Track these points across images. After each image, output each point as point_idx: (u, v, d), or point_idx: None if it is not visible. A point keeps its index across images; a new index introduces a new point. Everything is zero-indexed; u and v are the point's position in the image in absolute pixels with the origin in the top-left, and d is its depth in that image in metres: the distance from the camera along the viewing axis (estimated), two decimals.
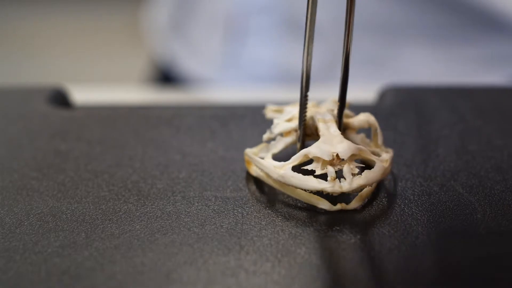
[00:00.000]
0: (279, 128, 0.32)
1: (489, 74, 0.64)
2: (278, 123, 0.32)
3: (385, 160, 0.31)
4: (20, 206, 0.31)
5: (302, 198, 0.30)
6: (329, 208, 0.30)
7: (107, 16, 1.83)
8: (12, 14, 1.85)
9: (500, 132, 0.37)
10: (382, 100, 0.43)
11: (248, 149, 0.33)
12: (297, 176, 0.30)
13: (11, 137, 0.38)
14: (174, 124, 0.39)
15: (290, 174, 0.30)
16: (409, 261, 0.27)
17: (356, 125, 0.32)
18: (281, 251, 0.27)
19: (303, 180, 0.29)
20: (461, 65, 0.64)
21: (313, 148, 0.30)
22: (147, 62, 0.90)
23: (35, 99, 0.42)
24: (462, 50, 0.64)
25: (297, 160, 0.30)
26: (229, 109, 0.41)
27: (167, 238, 0.28)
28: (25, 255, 0.27)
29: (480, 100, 0.41)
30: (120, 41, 1.74)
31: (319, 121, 0.31)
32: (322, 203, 0.30)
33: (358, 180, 0.29)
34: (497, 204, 0.30)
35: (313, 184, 0.29)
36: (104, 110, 0.42)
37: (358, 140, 0.32)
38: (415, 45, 0.64)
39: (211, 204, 0.31)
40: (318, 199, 0.30)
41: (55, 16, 1.84)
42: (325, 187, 0.29)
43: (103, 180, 0.33)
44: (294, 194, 0.31)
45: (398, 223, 0.29)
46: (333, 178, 0.29)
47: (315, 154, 0.30)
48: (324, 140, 0.30)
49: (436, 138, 0.37)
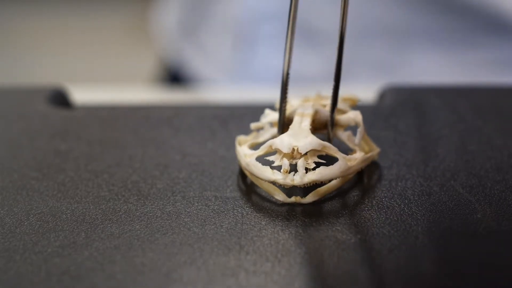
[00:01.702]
0: (268, 118, 0.33)
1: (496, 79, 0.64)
2: (268, 113, 0.33)
3: (352, 159, 0.31)
4: (20, 206, 0.31)
5: (262, 187, 0.31)
6: (284, 200, 0.30)
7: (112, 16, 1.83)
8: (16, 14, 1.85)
9: (500, 132, 0.37)
10: (382, 100, 0.43)
11: (241, 136, 0.34)
12: (256, 165, 0.31)
13: (11, 137, 0.38)
14: (174, 124, 0.39)
15: (253, 163, 0.31)
16: (409, 261, 0.27)
17: (343, 122, 0.33)
18: (281, 251, 0.27)
19: (260, 169, 0.30)
20: (469, 70, 0.64)
21: (277, 139, 0.31)
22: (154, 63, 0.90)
23: (35, 99, 0.42)
24: (469, 55, 0.64)
25: (263, 150, 0.31)
26: (229, 109, 0.41)
27: (167, 238, 0.28)
28: (25, 255, 0.27)
29: (480, 100, 0.41)
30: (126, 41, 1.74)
31: (297, 114, 0.32)
32: (278, 194, 0.31)
33: (310, 175, 0.30)
34: (497, 204, 0.30)
35: (268, 175, 0.30)
36: (104, 110, 0.42)
37: (344, 137, 0.33)
38: (422, 50, 0.64)
39: (211, 204, 0.31)
40: (275, 190, 0.31)
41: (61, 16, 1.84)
42: (277, 178, 0.30)
43: (103, 180, 0.33)
44: (257, 182, 0.31)
45: (398, 223, 0.29)
46: (285, 170, 0.30)
47: (276, 145, 0.30)
48: (290, 133, 0.31)
49: (436, 138, 0.37)
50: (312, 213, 0.30)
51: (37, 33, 1.79)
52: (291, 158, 0.30)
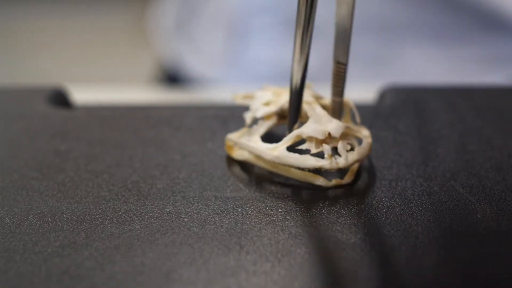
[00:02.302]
0: (261, 112, 0.33)
1: (491, 74, 0.64)
2: (258, 108, 0.34)
3: (368, 136, 0.32)
4: (20, 206, 0.31)
5: (297, 177, 0.32)
6: (325, 184, 0.31)
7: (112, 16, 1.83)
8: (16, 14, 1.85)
9: (500, 132, 0.37)
10: (382, 100, 0.43)
11: (230, 135, 0.34)
12: (294, 156, 0.31)
13: (11, 137, 0.38)
14: (174, 124, 0.39)
15: (286, 154, 0.31)
16: (409, 261, 0.27)
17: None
18: (281, 251, 0.27)
19: (301, 159, 0.31)
20: (463, 65, 0.64)
21: (305, 128, 0.31)
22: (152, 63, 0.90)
23: (35, 99, 0.42)
24: (464, 50, 0.64)
25: (290, 141, 0.31)
26: (229, 109, 0.41)
27: (167, 238, 0.28)
28: (25, 255, 0.27)
29: (480, 100, 0.41)
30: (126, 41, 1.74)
31: (304, 103, 0.32)
32: (318, 180, 0.31)
33: (352, 156, 0.31)
34: (497, 204, 0.30)
35: (312, 162, 0.30)
36: (104, 110, 0.42)
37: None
38: (417, 45, 0.64)
39: (211, 204, 0.31)
40: (314, 176, 0.31)
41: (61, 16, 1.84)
42: (323, 164, 0.30)
43: (103, 180, 0.33)
44: (289, 173, 0.32)
45: (398, 223, 0.29)
46: (330, 155, 0.30)
47: (308, 134, 0.31)
48: (314, 120, 0.31)
49: (436, 138, 0.37)
50: (312, 213, 0.30)
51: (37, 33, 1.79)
52: (322, 143, 0.31)
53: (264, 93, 0.35)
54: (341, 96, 0.33)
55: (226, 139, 0.34)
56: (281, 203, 0.31)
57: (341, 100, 0.33)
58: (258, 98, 0.34)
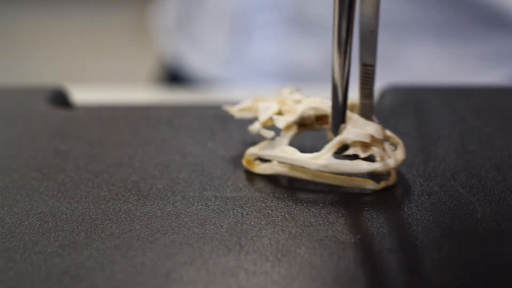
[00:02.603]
0: (283, 123, 0.32)
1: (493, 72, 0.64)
2: (278, 119, 0.33)
3: (393, 136, 0.32)
4: (20, 206, 0.31)
5: (345, 183, 0.31)
6: (375, 187, 0.31)
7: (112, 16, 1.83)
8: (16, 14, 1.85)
9: (500, 132, 0.37)
10: (382, 100, 0.43)
11: (252, 150, 0.33)
12: (345, 163, 0.30)
13: (11, 137, 0.38)
14: (174, 124, 0.39)
15: (335, 162, 0.30)
16: (409, 261, 0.27)
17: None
18: (281, 251, 0.27)
19: (353, 165, 0.30)
20: (464, 62, 0.64)
21: (348, 134, 0.31)
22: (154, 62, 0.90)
23: (35, 99, 0.42)
24: (466, 47, 0.64)
25: (334, 148, 0.31)
26: None
27: (167, 238, 0.28)
28: (25, 255, 0.27)
29: (480, 100, 0.41)
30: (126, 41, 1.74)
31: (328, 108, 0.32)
32: (369, 184, 0.31)
33: (399, 156, 0.31)
34: (497, 204, 0.30)
35: (365, 167, 0.30)
36: (104, 110, 0.42)
37: None
38: (418, 42, 0.64)
39: (211, 204, 0.31)
40: (365, 181, 0.31)
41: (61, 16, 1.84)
42: (377, 167, 0.30)
43: (103, 180, 0.33)
44: (335, 181, 0.31)
45: (398, 223, 0.29)
46: (382, 157, 0.30)
47: (353, 139, 0.30)
48: (352, 124, 0.31)
49: (436, 138, 0.37)
50: (312, 213, 0.30)
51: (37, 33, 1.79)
52: (367, 146, 0.30)
53: (267, 104, 0.34)
54: (370, 98, 0.32)
55: (247, 154, 0.33)
56: (281, 203, 0.31)
57: (371, 102, 0.32)
58: (264, 109, 0.33)
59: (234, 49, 0.68)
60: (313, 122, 0.33)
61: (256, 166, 0.33)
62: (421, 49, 0.65)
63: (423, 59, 0.65)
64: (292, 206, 0.30)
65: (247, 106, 0.35)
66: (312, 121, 0.33)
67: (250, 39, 0.68)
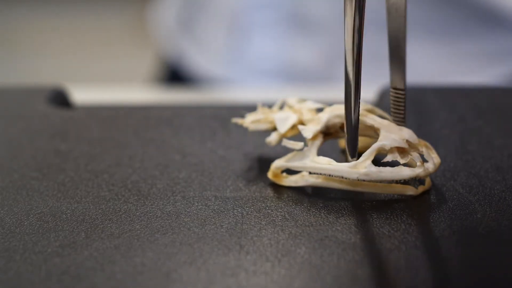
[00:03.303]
0: (310, 133, 0.32)
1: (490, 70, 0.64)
2: (305, 128, 0.32)
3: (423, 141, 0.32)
4: (20, 206, 0.31)
5: (384, 191, 0.31)
6: (415, 193, 0.31)
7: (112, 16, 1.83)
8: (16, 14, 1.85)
9: (500, 132, 0.37)
10: (382, 100, 0.42)
11: (278, 162, 0.32)
12: (386, 170, 0.30)
13: (11, 137, 0.38)
14: (174, 124, 0.39)
15: (376, 169, 0.30)
16: (409, 261, 0.27)
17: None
18: (281, 251, 0.27)
19: (395, 171, 0.30)
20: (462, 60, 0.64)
21: (385, 140, 0.30)
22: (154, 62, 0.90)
23: (35, 99, 0.42)
24: (462, 45, 0.64)
25: (372, 155, 0.30)
26: (229, 109, 0.41)
27: (167, 238, 0.28)
28: (25, 255, 0.27)
29: (480, 100, 0.41)
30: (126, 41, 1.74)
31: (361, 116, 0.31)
32: (409, 190, 0.31)
33: (436, 159, 0.31)
34: (497, 204, 0.30)
35: (408, 173, 0.30)
36: (104, 110, 0.42)
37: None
38: (417, 40, 0.64)
39: (211, 204, 0.31)
40: (405, 187, 0.31)
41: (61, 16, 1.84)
42: (419, 172, 0.30)
43: (103, 180, 0.33)
44: (375, 189, 0.31)
45: (398, 223, 0.29)
46: (422, 162, 0.30)
47: (391, 145, 0.30)
48: (386, 130, 0.30)
49: (436, 138, 0.37)
50: (312, 213, 0.30)
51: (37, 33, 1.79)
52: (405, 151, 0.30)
53: (285, 114, 0.33)
54: (403, 122, 0.32)
55: (274, 166, 0.32)
56: (281, 203, 0.31)
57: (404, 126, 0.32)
58: (282, 120, 0.33)
59: (234, 47, 0.68)
60: (338, 130, 0.32)
61: (283, 178, 0.32)
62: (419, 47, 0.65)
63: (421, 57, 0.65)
64: (292, 206, 0.30)
65: (259, 117, 0.34)
66: (337, 129, 0.32)
67: (249, 38, 0.68)
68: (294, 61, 0.65)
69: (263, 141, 0.34)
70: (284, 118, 0.33)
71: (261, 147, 0.35)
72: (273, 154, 0.34)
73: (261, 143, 0.35)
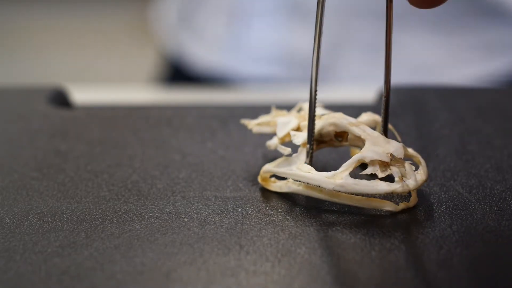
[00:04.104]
0: (300, 139, 0.31)
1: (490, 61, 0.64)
2: (295, 134, 0.32)
3: (417, 155, 0.31)
4: (20, 206, 0.31)
5: (362, 204, 0.30)
6: (394, 209, 0.30)
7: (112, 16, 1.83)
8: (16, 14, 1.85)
9: (500, 132, 0.37)
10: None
11: (267, 167, 0.32)
12: (362, 183, 0.29)
13: (11, 137, 0.38)
14: (174, 124, 0.39)
15: (352, 181, 0.29)
16: (409, 261, 0.27)
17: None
18: (281, 251, 0.27)
19: (371, 185, 0.29)
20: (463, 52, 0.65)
21: (367, 152, 0.29)
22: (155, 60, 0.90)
23: (35, 99, 0.42)
24: (461, 37, 0.64)
25: (351, 166, 0.29)
26: (229, 109, 0.41)
27: (167, 238, 0.28)
28: (25, 255, 0.27)
29: (480, 100, 0.41)
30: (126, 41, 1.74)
31: (351, 125, 0.31)
32: (387, 205, 0.30)
33: (420, 176, 0.29)
34: (497, 204, 0.30)
35: (383, 188, 0.29)
36: (104, 110, 0.42)
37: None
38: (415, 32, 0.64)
39: (211, 204, 0.31)
40: (383, 202, 0.30)
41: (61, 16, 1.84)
42: (395, 188, 0.29)
43: (103, 180, 0.33)
44: (352, 201, 0.30)
45: (398, 223, 0.29)
46: (401, 178, 0.29)
47: (372, 157, 0.29)
48: (372, 142, 0.30)
49: (436, 138, 0.37)
50: (312, 213, 0.30)
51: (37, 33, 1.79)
52: (385, 166, 0.29)
53: (287, 118, 0.33)
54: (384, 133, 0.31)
55: (263, 171, 0.32)
56: (281, 203, 0.31)
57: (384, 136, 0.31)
58: (283, 124, 0.32)
59: (234, 36, 0.68)
60: (332, 138, 0.32)
61: (271, 183, 0.32)
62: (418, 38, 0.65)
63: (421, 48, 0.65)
64: (292, 206, 0.30)
65: (266, 120, 0.34)
66: (331, 137, 0.32)
67: (249, 26, 0.68)
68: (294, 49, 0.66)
69: (263, 141, 0.34)
70: (285, 122, 0.33)
71: (261, 147, 0.35)
72: (273, 154, 0.34)
73: (261, 143, 0.35)
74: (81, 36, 1.78)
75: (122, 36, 1.76)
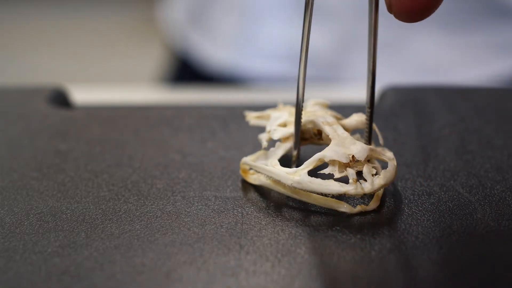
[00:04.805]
0: (278, 134, 0.32)
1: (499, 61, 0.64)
2: (276, 129, 0.32)
3: (392, 159, 0.30)
4: (20, 206, 0.31)
5: (319, 203, 0.30)
6: (350, 211, 0.30)
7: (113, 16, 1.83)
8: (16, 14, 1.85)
9: (500, 132, 0.37)
10: (382, 100, 0.43)
11: (245, 158, 0.32)
12: (316, 181, 0.29)
13: (11, 137, 0.38)
14: (174, 124, 0.39)
15: (308, 179, 0.29)
16: (409, 261, 0.27)
17: (352, 126, 0.32)
18: (281, 251, 0.27)
19: (323, 184, 0.29)
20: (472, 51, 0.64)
21: (328, 151, 0.29)
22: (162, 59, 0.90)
23: (35, 99, 0.42)
24: (472, 36, 0.64)
25: (311, 165, 0.30)
26: (229, 109, 0.41)
27: (167, 238, 0.28)
28: (25, 255, 0.27)
29: (480, 100, 0.41)
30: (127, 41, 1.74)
31: (324, 124, 0.31)
32: (342, 206, 0.30)
33: (379, 181, 0.29)
34: (497, 204, 0.30)
35: (335, 188, 0.29)
36: (104, 110, 0.42)
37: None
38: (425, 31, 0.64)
39: (211, 204, 0.31)
40: (338, 203, 0.30)
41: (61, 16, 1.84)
42: (348, 189, 0.29)
43: (103, 180, 0.33)
44: (310, 199, 0.30)
45: (398, 223, 0.29)
46: (355, 180, 0.29)
47: (331, 157, 0.29)
48: (336, 143, 0.30)
49: (436, 138, 0.37)
50: (312, 213, 0.30)
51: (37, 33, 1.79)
52: (346, 167, 0.29)
53: (279, 113, 0.33)
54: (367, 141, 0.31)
55: (241, 162, 0.32)
56: (281, 203, 0.31)
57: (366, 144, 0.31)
58: (274, 119, 0.33)
59: (244, 33, 0.68)
60: (312, 136, 0.32)
61: (249, 175, 0.32)
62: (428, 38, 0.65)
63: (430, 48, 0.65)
64: (292, 206, 0.30)
65: (265, 114, 0.34)
66: (311, 135, 0.32)
67: (260, 23, 0.68)
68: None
69: None
70: (277, 117, 0.33)
71: (261, 147, 0.35)
72: None
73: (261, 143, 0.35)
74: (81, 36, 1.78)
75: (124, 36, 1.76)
